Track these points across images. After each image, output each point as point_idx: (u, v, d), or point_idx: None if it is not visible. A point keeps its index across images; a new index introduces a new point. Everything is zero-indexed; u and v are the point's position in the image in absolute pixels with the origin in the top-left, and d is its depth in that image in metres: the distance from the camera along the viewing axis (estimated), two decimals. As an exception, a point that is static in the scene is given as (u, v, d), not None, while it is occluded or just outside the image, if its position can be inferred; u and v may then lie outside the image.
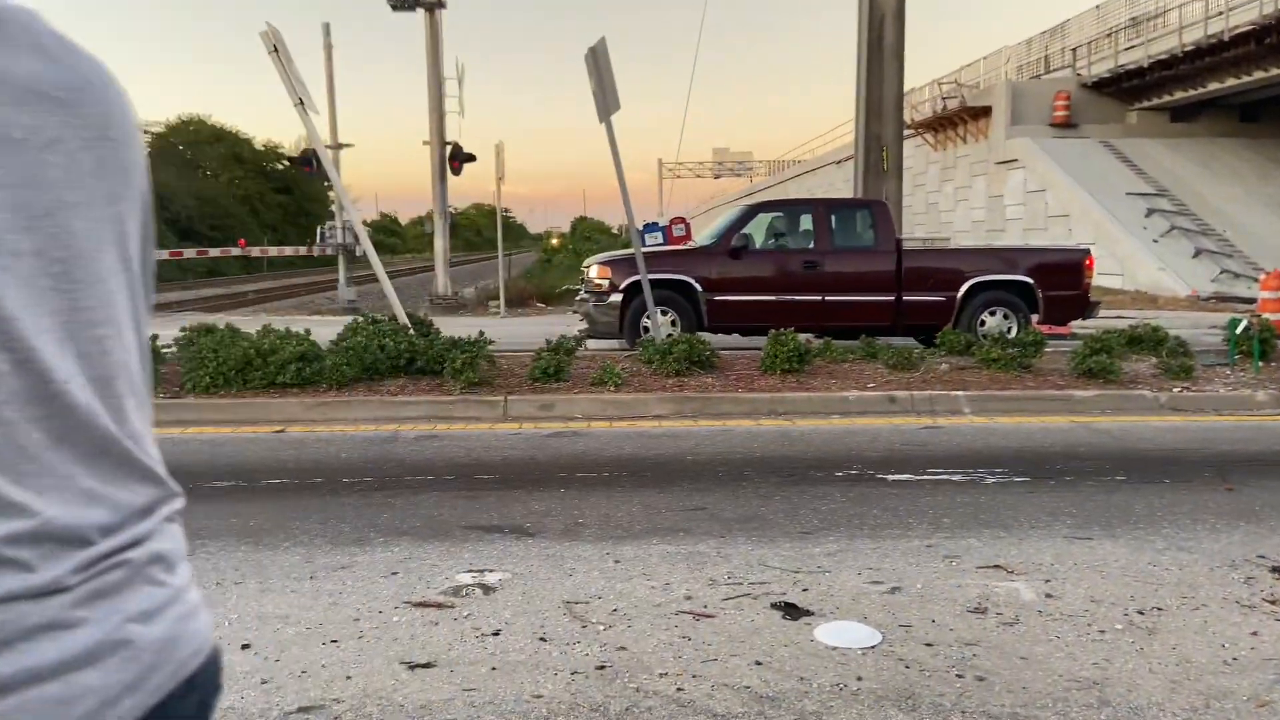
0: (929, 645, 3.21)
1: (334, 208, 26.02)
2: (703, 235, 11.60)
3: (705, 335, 9.62)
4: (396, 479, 5.56)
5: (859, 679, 2.95)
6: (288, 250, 27.62)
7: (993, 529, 4.53)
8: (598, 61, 8.91)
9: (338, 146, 22.81)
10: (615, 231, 64.09)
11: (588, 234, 55.00)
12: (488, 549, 4.24)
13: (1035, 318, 10.27)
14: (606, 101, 8.98)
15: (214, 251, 30.16)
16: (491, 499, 5.09)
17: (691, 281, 10.44)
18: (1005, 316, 10.44)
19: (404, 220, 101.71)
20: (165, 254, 29.26)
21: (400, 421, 7.34)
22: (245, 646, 3.20)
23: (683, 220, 11.33)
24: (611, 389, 7.97)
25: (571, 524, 4.62)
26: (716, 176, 68.63)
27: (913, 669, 3.03)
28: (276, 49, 8.80)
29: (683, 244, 10.77)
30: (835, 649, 3.19)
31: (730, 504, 4.99)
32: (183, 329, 9.01)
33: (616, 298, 10.48)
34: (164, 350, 8.49)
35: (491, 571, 3.94)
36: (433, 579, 3.85)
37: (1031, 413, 7.64)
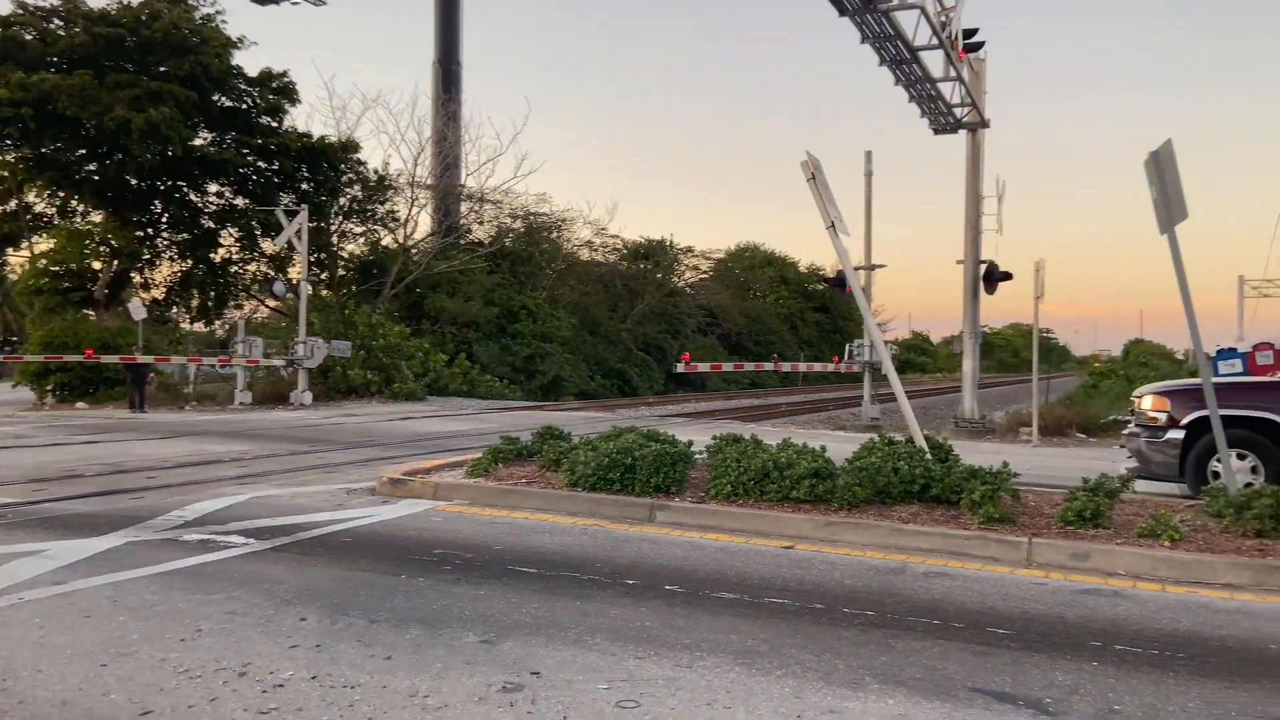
0: None
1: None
2: (1298, 364, 9.50)
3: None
4: (899, 618, 5.14)
5: None
6: (817, 366, 28.72)
7: None
8: (1160, 166, 7.85)
9: (871, 268, 23.35)
10: (1179, 357, 56.42)
11: (1143, 358, 49.13)
12: (996, 722, 3.64)
13: None
14: (1170, 211, 7.85)
15: (749, 366, 32.53)
16: (1005, 659, 4.44)
17: (1280, 420, 8.55)
18: None
19: (935, 340, 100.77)
20: (706, 367, 32.28)
21: (909, 553, 6.90)
22: (722, 783, 3.05)
23: (1270, 346, 9.42)
24: (1166, 544, 6.68)
25: (1105, 709, 3.80)
26: (1320, 294, 57.34)
27: None
28: (815, 176, 9.20)
29: (1270, 374, 8.90)
30: None
31: (1340, 723, 3.74)
32: (714, 437, 9.62)
33: (1177, 434, 8.95)
34: (697, 456, 9.10)
35: (999, 753, 3.35)
36: (928, 747, 3.38)
37: None
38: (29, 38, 28.74)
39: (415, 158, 37.23)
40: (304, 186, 32.80)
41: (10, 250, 33.29)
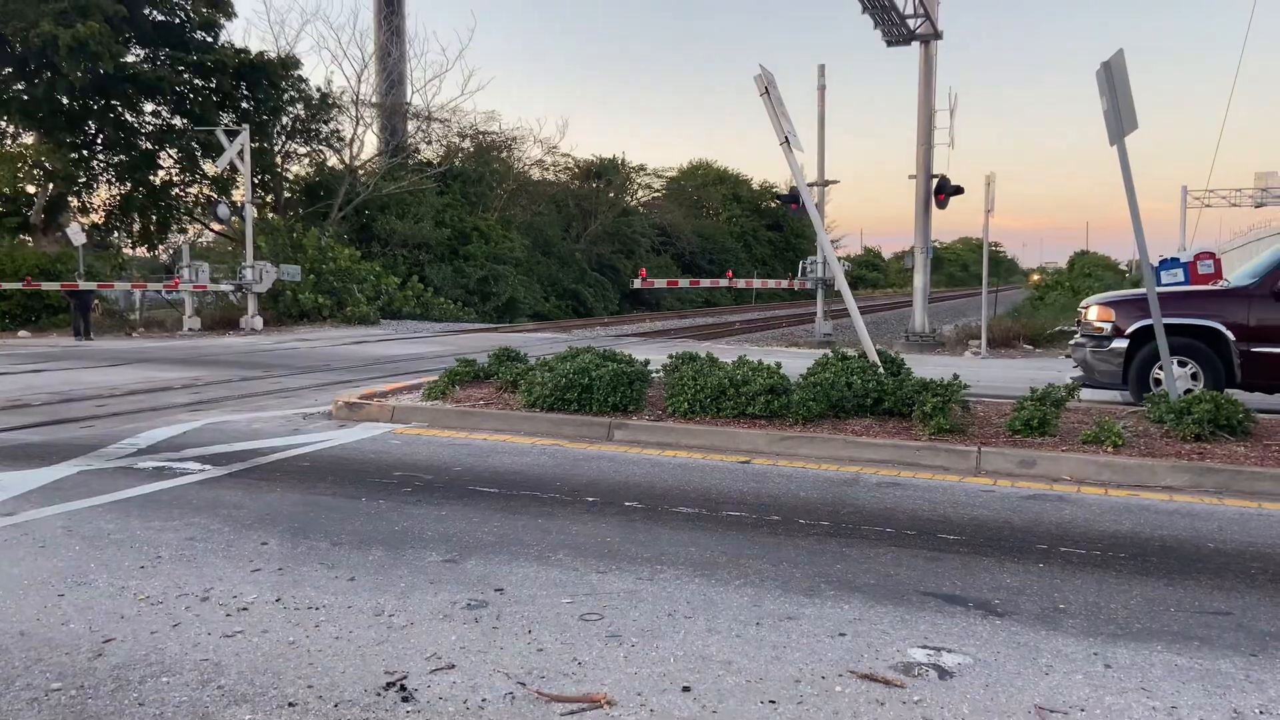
0: None
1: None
2: (1238, 274, 9.74)
3: (1236, 394, 7.99)
4: (853, 527, 5.28)
5: None
6: (770, 283, 28.84)
7: None
8: (1112, 77, 7.86)
9: (824, 184, 23.30)
10: (1123, 268, 57.49)
11: (1088, 269, 49.96)
12: (947, 623, 3.78)
13: None
14: (1120, 121, 7.89)
15: (705, 282, 32.60)
16: (955, 564, 4.59)
17: (1220, 328, 8.80)
18: None
19: (888, 255, 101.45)
20: (663, 283, 32.24)
21: (862, 464, 7.06)
22: (686, 689, 3.14)
23: (1211, 255, 9.62)
24: (1109, 449, 6.91)
25: (1050, 608, 3.97)
26: (1258, 205, 58.51)
27: None
28: (768, 91, 9.09)
29: (1210, 283, 9.11)
30: None
31: (1267, 613, 3.94)
32: (670, 356, 9.65)
33: (1121, 344, 9.17)
34: (654, 374, 9.15)
35: (950, 652, 3.49)
36: (882, 649, 3.51)
37: None
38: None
39: (359, 75, 36.15)
40: (244, 105, 31.66)
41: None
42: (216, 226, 34.51)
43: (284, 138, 34.47)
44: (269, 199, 34.45)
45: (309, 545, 4.77)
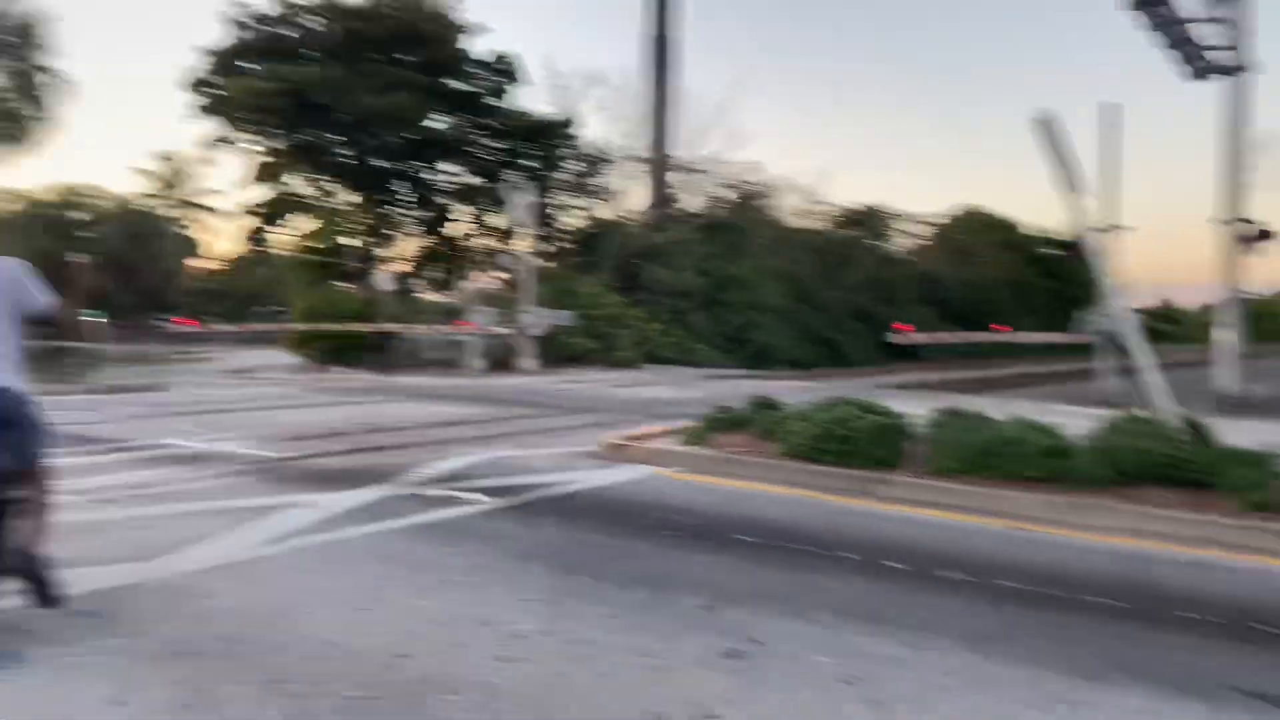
0: None
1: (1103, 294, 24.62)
2: None
3: None
4: (1149, 609, 4.78)
5: None
6: (1046, 336, 26.94)
7: None
8: None
9: (1112, 230, 21.59)
10: None
11: None
12: (1265, 730, 3.33)
13: None
14: None
15: (972, 335, 31.02)
16: (1273, 659, 4.04)
17: None
18: None
19: (1187, 306, 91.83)
20: (924, 337, 31.06)
21: (1155, 539, 6.38)
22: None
23: None
24: None
25: (1401, 727, 3.38)
26: None
27: None
28: (1047, 134, 8.60)
29: None
30: None
31: None
32: (934, 410, 9.27)
33: None
34: (917, 428, 8.80)
35: (1268, 763, 3.07)
36: (1184, 750, 3.14)
37: None
38: (291, 34, 31.65)
39: (631, 132, 37.97)
40: (529, 163, 34.31)
41: (277, 229, 36.96)
42: (500, 274, 37.41)
43: (562, 192, 36.92)
44: (547, 249, 36.93)
45: (577, 581, 5.00)
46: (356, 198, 34.47)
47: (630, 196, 39.00)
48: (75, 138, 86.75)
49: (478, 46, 34.04)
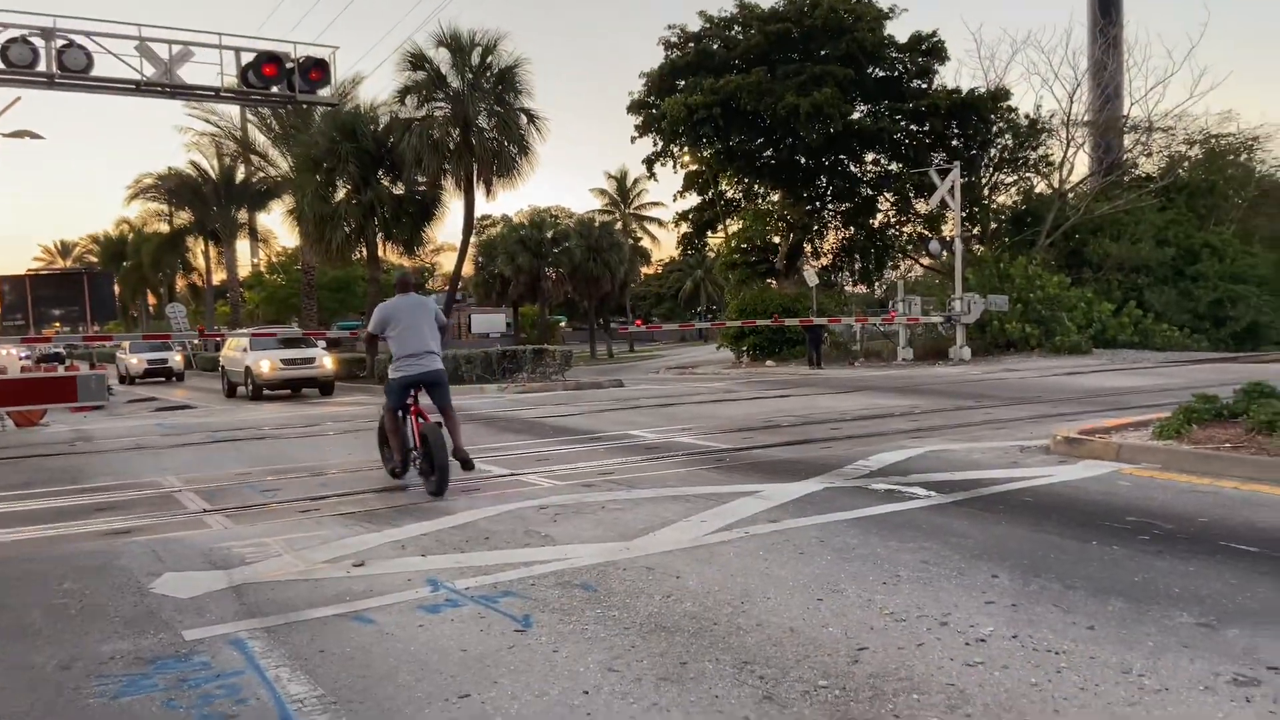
0: None
1: None
2: None
3: None
4: None
5: None
6: None
7: None
8: None
9: None
10: None
11: None
12: None
13: None
14: None
15: None
16: None
17: None
18: None
19: None
20: None
21: None
22: None
23: None
24: None
25: None
26: None
27: None
28: None
29: None
30: None
31: None
32: None
33: None
34: None
35: None
36: None
37: None
38: (715, 48, 33.45)
39: (1070, 95, 34.52)
40: (954, 143, 32.85)
41: (709, 233, 39.24)
42: (926, 261, 36.25)
43: (991, 169, 34.79)
44: (976, 231, 35.04)
45: (1040, 585, 4.67)
46: (780, 196, 35.50)
47: (1072, 167, 35.63)
48: (543, 165, 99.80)
49: (897, 29, 33.31)
